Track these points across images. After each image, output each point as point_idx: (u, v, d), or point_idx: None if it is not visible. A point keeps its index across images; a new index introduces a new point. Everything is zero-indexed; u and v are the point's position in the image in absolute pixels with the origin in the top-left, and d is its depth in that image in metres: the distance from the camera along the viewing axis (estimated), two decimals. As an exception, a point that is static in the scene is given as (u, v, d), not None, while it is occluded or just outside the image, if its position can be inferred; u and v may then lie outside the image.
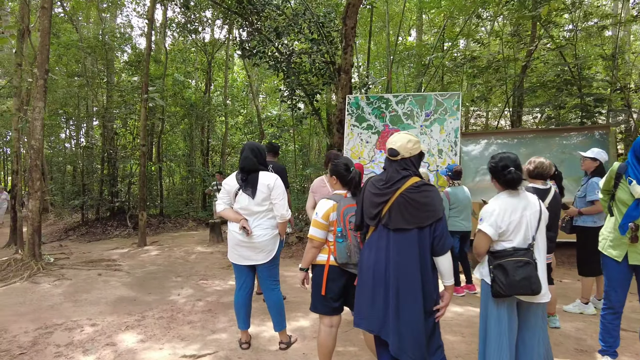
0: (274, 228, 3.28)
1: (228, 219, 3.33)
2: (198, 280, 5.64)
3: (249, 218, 3.23)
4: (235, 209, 3.29)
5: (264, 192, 3.18)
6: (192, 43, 15.87)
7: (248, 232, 3.15)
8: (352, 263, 2.59)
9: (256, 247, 3.20)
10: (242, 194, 3.22)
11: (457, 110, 7.21)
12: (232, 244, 3.28)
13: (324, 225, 2.66)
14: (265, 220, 3.24)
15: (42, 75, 6.57)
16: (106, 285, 5.44)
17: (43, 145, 6.69)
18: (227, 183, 3.31)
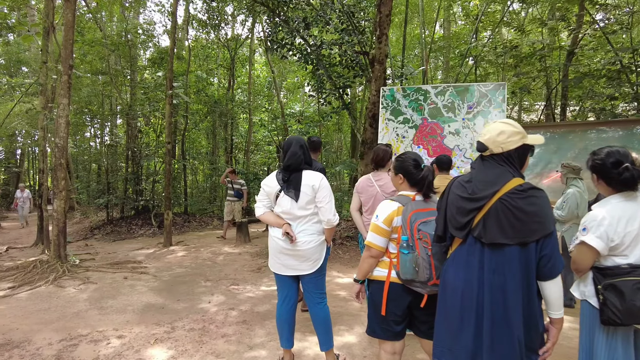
0: (320, 234, 2.88)
1: (269, 223, 2.95)
2: (229, 285, 5.30)
3: (292, 223, 2.85)
4: (276, 212, 2.91)
5: (309, 194, 2.79)
6: (215, 39, 15.66)
7: (292, 239, 2.75)
8: (419, 281, 2.15)
9: (301, 255, 2.81)
10: (283, 196, 2.84)
11: (503, 102, 6.66)
12: (274, 252, 2.90)
13: (386, 231, 2.25)
14: (310, 225, 2.85)
15: (66, 70, 6.35)
16: (132, 290, 5.16)
17: (68, 143, 6.47)
18: (266, 184, 2.93)
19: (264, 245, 8.69)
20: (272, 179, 2.92)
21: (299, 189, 2.81)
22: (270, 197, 2.92)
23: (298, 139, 2.98)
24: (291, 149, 2.89)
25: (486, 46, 8.29)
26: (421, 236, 2.14)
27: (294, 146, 2.89)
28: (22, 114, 17.07)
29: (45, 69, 8.27)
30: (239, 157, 17.16)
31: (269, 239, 2.98)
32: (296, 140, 2.95)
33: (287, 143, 2.99)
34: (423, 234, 2.13)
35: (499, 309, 1.73)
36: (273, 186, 2.89)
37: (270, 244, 2.94)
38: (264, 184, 2.95)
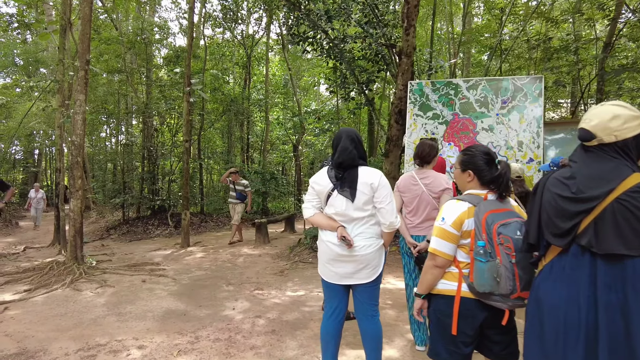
0: (379, 237, 2.56)
1: (320, 226, 2.63)
2: (252, 290, 5.01)
3: (346, 225, 2.53)
4: (328, 214, 2.60)
5: (366, 194, 2.46)
6: (230, 38, 15.47)
7: (350, 243, 2.44)
8: (500, 293, 1.80)
9: (359, 261, 2.49)
10: (337, 195, 2.52)
11: (540, 96, 6.24)
12: (327, 259, 2.57)
13: (454, 236, 1.91)
14: (368, 228, 2.53)
15: (82, 66, 6.14)
16: (151, 294, 4.90)
17: (84, 141, 6.27)
18: (316, 182, 2.62)
19: (284, 246, 8.40)
20: (323, 176, 2.60)
21: (355, 187, 2.49)
22: (320, 197, 2.61)
23: (348, 131, 2.66)
24: (341, 143, 2.57)
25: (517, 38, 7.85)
26: (502, 240, 1.79)
27: (344, 140, 2.57)
28: (39, 114, 17.15)
29: (62, 67, 8.12)
30: (254, 157, 16.94)
31: (319, 244, 2.67)
32: (346, 134, 2.62)
33: (336, 137, 2.68)
34: (504, 238, 1.78)
35: (618, 334, 1.38)
36: (324, 184, 2.57)
37: (321, 250, 2.62)
38: (314, 182, 2.64)
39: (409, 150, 6.71)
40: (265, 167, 15.15)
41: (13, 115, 17.46)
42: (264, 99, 14.55)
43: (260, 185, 13.18)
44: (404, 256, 3.37)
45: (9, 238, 11.83)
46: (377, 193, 2.47)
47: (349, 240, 2.43)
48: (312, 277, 5.58)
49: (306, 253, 7.07)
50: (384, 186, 2.48)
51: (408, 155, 6.64)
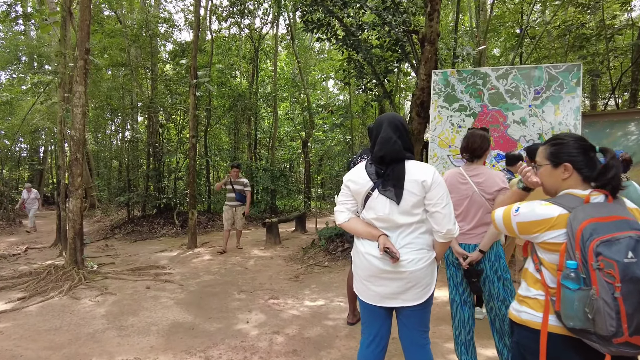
0: (430, 249, 2.08)
1: (356, 234, 2.16)
2: (267, 298, 4.54)
3: (390, 234, 2.05)
4: (366, 219, 2.12)
5: (416, 194, 1.98)
6: (238, 30, 15.00)
7: (395, 257, 1.96)
8: (596, 333, 1.31)
9: (406, 279, 2.01)
10: (378, 196, 2.04)
11: (577, 85, 5.71)
12: (365, 275, 2.10)
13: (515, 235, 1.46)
14: (418, 237, 2.05)
15: (82, 55, 5.70)
16: (156, 303, 4.46)
17: (84, 136, 5.84)
18: (352, 180, 2.13)
19: (296, 247, 7.94)
20: (361, 173, 2.12)
21: (401, 186, 2.00)
22: (357, 198, 2.14)
23: (391, 117, 2.16)
24: (382, 133, 2.08)
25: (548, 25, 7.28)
26: (601, 264, 1.29)
27: (386, 129, 2.08)
28: (43, 110, 16.81)
29: (63, 60, 7.70)
30: (262, 154, 16.48)
31: (354, 256, 2.19)
32: (388, 120, 2.12)
33: (375, 125, 2.18)
34: (605, 262, 1.29)
35: None
36: (362, 183, 2.09)
37: (358, 264, 2.14)
38: (349, 180, 2.15)
39: (433, 144, 6.22)
40: (274, 164, 14.69)
41: (17, 112, 17.14)
42: (272, 92, 14.04)
43: (269, 183, 12.73)
44: (449, 267, 2.88)
45: (11, 238, 11.49)
46: (430, 193, 1.98)
47: (393, 253, 1.95)
48: (330, 284, 5.12)
49: (321, 255, 6.60)
50: (439, 185, 1.99)
51: (432, 151, 6.15)
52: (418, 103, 6.73)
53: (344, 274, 5.57)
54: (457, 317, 2.81)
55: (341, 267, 5.92)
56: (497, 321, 2.72)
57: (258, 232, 10.27)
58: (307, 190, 14.33)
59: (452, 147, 6.11)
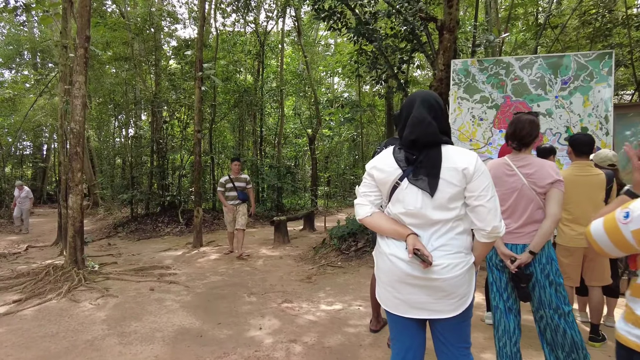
0: (468, 252, 1.75)
1: (379, 232, 1.84)
2: (280, 301, 4.22)
3: (421, 233, 1.73)
4: (392, 214, 1.80)
5: (455, 185, 1.67)
6: (243, 25, 14.67)
7: (428, 261, 1.63)
8: None
9: (439, 288, 1.69)
10: (408, 187, 1.73)
11: (609, 74, 5.35)
12: (389, 280, 1.77)
13: (629, 246, 1.18)
14: (454, 238, 1.72)
15: (82, 43, 5.39)
16: (161, 307, 4.15)
17: (85, 129, 5.53)
18: (377, 167, 1.81)
19: (305, 246, 7.62)
20: (388, 159, 1.79)
21: (436, 175, 1.68)
22: (382, 189, 1.81)
23: (425, 95, 1.81)
24: (414, 112, 1.74)
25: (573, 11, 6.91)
26: None
27: (419, 107, 1.74)
28: (46, 107, 16.57)
29: (64, 52, 7.41)
30: (267, 151, 16.15)
31: (377, 257, 1.87)
32: (422, 98, 1.78)
33: (406, 104, 1.84)
34: None
35: None
36: (389, 170, 1.76)
37: (382, 267, 1.82)
38: (373, 167, 1.83)
39: (452, 138, 5.89)
40: (280, 161, 14.37)
41: (19, 109, 16.91)
42: (280, 86, 13.69)
43: (275, 181, 12.42)
44: (491, 270, 2.55)
45: (12, 236, 11.24)
46: (472, 184, 1.66)
47: (425, 256, 1.62)
48: (346, 286, 4.79)
49: (333, 255, 6.28)
50: (483, 174, 1.67)
51: (453, 144, 5.82)
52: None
53: (359, 275, 5.25)
54: (502, 327, 2.48)
55: (355, 268, 5.59)
56: (549, 332, 2.39)
57: (265, 230, 9.96)
58: (314, 188, 14.00)
59: (473, 140, 5.77)
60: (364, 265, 5.65)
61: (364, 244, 6.28)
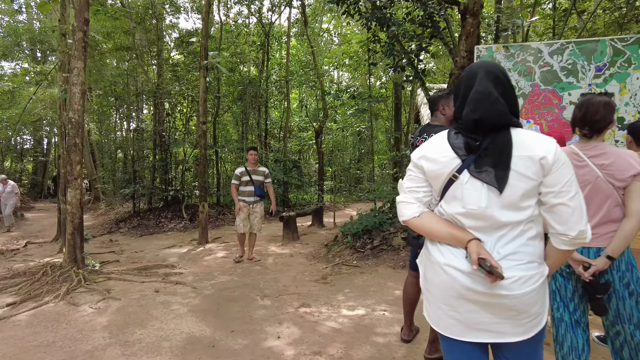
0: (542, 262, 1.40)
1: (430, 236, 1.50)
2: (297, 305, 3.87)
3: (484, 238, 1.39)
4: (447, 215, 1.47)
5: (530, 178, 1.34)
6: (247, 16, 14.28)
7: (498, 275, 1.28)
8: None
9: (508, 306, 1.35)
10: (468, 180, 1.40)
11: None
12: (444, 296, 1.44)
13: None
14: (525, 245, 1.38)
15: (80, 26, 5.02)
16: (167, 310, 3.81)
17: (84, 118, 5.17)
18: (427, 156, 1.48)
19: (316, 243, 7.28)
20: (442, 146, 1.45)
21: (506, 165, 1.34)
22: (433, 183, 1.48)
23: (490, 66, 1.45)
24: (477, 85, 1.40)
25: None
26: None
27: (483, 81, 1.40)
28: (46, 100, 16.20)
29: (63, 41, 7.03)
30: (272, 144, 15.77)
31: (426, 268, 1.54)
32: (486, 70, 1.43)
33: (465, 76, 1.48)
34: None
35: None
36: (443, 161, 1.43)
37: (433, 280, 1.48)
38: (422, 157, 1.49)
39: (476, 129, 5.52)
40: (286, 155, 14.01)
41: (18, 101, 16.55)
42: (286, 76, 13.27)
43: (281, 175, 12.06)
44: (554, 278, 2.19)
45: (12, 232, 10.91)
46: (550, 177, 1.32)
47: (494, 268, 1.28)
48: (365, 288, 4.44)
49: (348, 254, 5.93)
50: (564, 165, 1.33)
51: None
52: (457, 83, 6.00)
53: (378, 275, 4.90)
54: (567, 344, 2.12)
55: (372, 268, 5.25)
56: (627, 350, 2.03)
57: (272, 226, 9.61)
58: (320, 182, 13.64)
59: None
60: (381, 265, 5.30)
61: (380, 242, 5.93)
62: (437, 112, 2.70)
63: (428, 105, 2.76)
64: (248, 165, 5.85)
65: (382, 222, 6.24)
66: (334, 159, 19.33)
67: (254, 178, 5.79)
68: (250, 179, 5.77)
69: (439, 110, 2.68)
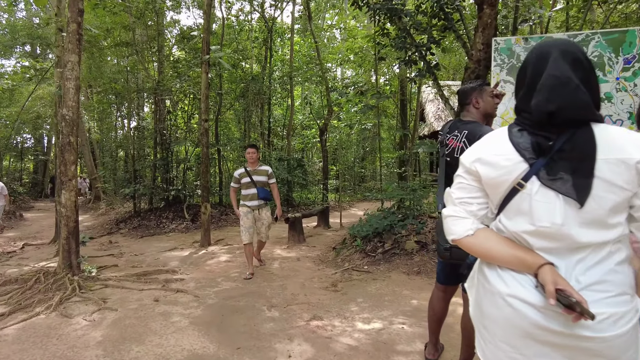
0: (634, 294, 1.10)
1: (488, 258, 1.22)
2: (307, 318, 3.57)
3: (557, 262, 1.11)
4: (509, 232, 1.18)
5: (622, 188, 1.05)
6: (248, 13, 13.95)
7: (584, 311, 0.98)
8: None
9: (594, 351, 1.05)
10: (539, 191, 1.11)
11: (682, 51, 4.63)
12: (508, 334, 1.15)
13: None
14: (614, 271, 1.09)
15: (74, 17, 4.72)
16: (167, 323, 3.52)
17: (79, 115, 4.88)
18: (483, 159, 1.21)
19: (323, 246, 6.98)
20: (503, 147, 1.18)
21: (589, 172, 1.07)
22: (491, 193, 1.22)
23: (566, 45, 1.17)
24: (550, 68, 1.14)
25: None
26: None
27: (559, 62, 1.14)
28: (45, 97, 15.93)
29: (60, 36, 6.75)
30: (275, 143, 15.46)
31: (482, 297, 1.26)
32: (562, 50, 1.16)
33: (536, 55, 1.20)
34: None
35: None
36: (505, 165, 1.16)
37: (493, 313, 1.18)
38: (477, 160, 1.22)
39: (494, 126, 5.20)
40: (290, 153, 13.70)
41: (17, 99, 16.29)
42: (291, 71, 12.96)
43: (285, 174, 11.76)
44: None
45: (10, 232, 10.66)
46: None
47: (578, 303, 0.99)
48: (380, 297, 4.14)
49: (357, 258, 5.63)
50: None
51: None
52: (472, 78, 5.67)
53: (391, 283, 4.60)
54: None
55: (385, 274, 4.95)
56: None
57: (276, 227, 9.30)
58: (325, 181, 13.33)
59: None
60: (394, 271, 5.00)
61: (392, 246, 5.63)
62: (469, 105, 2.39)
63: (458, 98, 2.45)
64: (248, 165, 5.18)
65: (392, 224, 5.94)
66: (338, 157, 19.03)
67: (255, 179, 5.06)
68: (251, 180, 5.05)
69: (472, 104, 2.37)
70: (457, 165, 2.30)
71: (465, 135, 2.24)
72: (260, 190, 5.06)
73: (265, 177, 5.16)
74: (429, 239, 5.59)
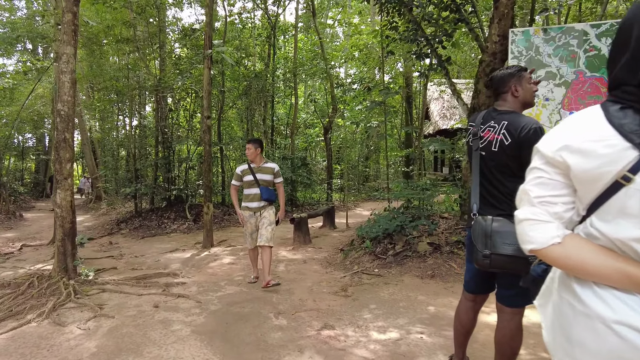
0: None
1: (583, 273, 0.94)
2: (317, 326, 3.32)
3: None
4: (611, 238, 0.91)
5: None
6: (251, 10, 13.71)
7: None
8: None
9: None
10: None
11: None
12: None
13: None
14: None
15: (70, 7, 4.48)
16: (167, 332, 3.27)
17: (74, 111, 4.64)
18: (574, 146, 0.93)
19: (329, 247, 6.73)
20: (600, 130, 0.91)
21: None
22: (582, 190, 0.96)
23: None
24: None
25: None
26: None
27: None
28: (46, 96, 15.74)
29: (59, 31, 6.52)
30: (278, 141, 15.21)
31: (567, 321, 0.98)
32: None
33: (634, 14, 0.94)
34: None
35: None
36: (605, 153, 0.89)
37: (590, 342, 0.91)
38: (564, 148, 0.95)
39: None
40: (294, 152, 13.46)
41: (17, 98, 16.09)
42: (293, 69, 12.71)
43: (289, 173, 11.51)
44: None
45: (8, 233, 10.46)
46: None
47: None
48: (393, 303, 3.89)
49: (367, 260, 5.38)
50: None
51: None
52: (487, 72, 5.40)
53: (404, 287, 4.35)
54: None
55: (397, 277, 4.69)
56: None
57: (280, 227, 9.04)
58: (330, 181, 13.08)
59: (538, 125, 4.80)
60: (407, 274, 4.75)
61: (403, 247, 5.37)
62: (507, 94, 2.13)
63: (493, 86, 2.19)
64: (251, 162, 4.62)
65: (403, 225, 5.68)
66: (342, 156, 18.78)
67: (259, 178, 4.51)
68: (254, 179, 4.50)
69: (510, 92, 2.12)
70: (494, 160, 2.05)
71: (505, 126, 1.99)
72: (264, 191, 4.51)
73: (271, 175, 4.62)
74: (442, 241, 5.33)
